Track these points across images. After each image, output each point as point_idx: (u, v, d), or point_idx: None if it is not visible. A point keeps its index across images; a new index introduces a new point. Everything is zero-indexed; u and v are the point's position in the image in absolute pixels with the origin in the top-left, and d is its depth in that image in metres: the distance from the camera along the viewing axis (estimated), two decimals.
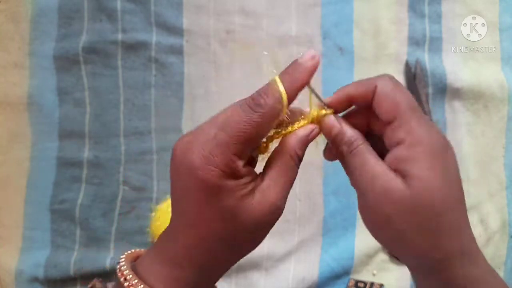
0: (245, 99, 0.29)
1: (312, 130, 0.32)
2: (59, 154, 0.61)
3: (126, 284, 0.29)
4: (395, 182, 0.29)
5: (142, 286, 0.29)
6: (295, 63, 0.30)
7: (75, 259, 0.59)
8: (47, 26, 0.61)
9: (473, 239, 0.31)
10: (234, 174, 0.29)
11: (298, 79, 0.30)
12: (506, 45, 0.69)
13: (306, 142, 0.32)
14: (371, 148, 0.32)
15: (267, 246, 0.64)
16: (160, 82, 0.63)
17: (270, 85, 0.29)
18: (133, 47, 0.63)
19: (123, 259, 0.31)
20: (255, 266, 0.63)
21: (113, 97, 0.62)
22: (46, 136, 0.61)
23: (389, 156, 0.30)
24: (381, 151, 0.32)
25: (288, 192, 0.32)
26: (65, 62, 0.61)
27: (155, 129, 0.63)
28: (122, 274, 0.30)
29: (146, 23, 0.63)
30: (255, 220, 0.30)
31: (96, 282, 0.52)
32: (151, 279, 0.30)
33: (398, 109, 0.30)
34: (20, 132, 0.61)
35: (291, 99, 0.29)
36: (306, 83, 0.30)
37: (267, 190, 0.30)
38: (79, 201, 0.61)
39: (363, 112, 0.33)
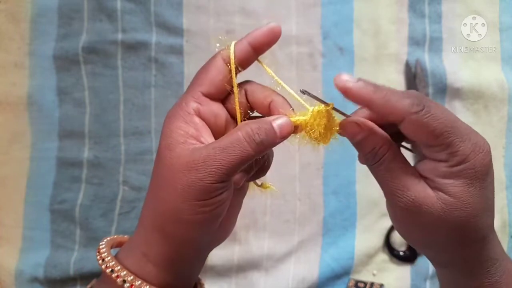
0: None
1: (279, 118, 0.31)
2: (59, 154, 0.61)
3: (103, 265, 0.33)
4: (426, 194, 0.29)
5: (119, 267, 0.33)
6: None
7: (75, 259, 0.59)
8: (47, 26, 0.61)
9: (498, 244, 0.32)
10: (188, 119, 0.32)
11: (252, 36, 0.33)
12: (506, 45, 0.69)
13: (267, 127, 0.31)
14: (398, 153, 0.31)
15: (267, 246, 0.64)
16: (160, 82, 0.63)
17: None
18: (133, 47, 0.63)
19: (103, 245, 0.35)
20: (255, 266, 0.63)
21: (113, 97, 0.62)
22: (46, 136, 0.61)
23: (426, 167, 0.30)
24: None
25: (219, 165, 0.29)
26: (65, 62, 0.61)
27: (155, 129, 0.63)
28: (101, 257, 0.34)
29: (146, 23, 0.63)
30: (170, 169, 0.30)
31: (96, 282, 0.52)
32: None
33: (436, 137, 0.29)
34: (20, 132, 0.60)
35: (245, 55, 0.33)
36: (258, 41, 0.33)
37: (195, 150, 0.30)
38: (79, 201, 0.61)
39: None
